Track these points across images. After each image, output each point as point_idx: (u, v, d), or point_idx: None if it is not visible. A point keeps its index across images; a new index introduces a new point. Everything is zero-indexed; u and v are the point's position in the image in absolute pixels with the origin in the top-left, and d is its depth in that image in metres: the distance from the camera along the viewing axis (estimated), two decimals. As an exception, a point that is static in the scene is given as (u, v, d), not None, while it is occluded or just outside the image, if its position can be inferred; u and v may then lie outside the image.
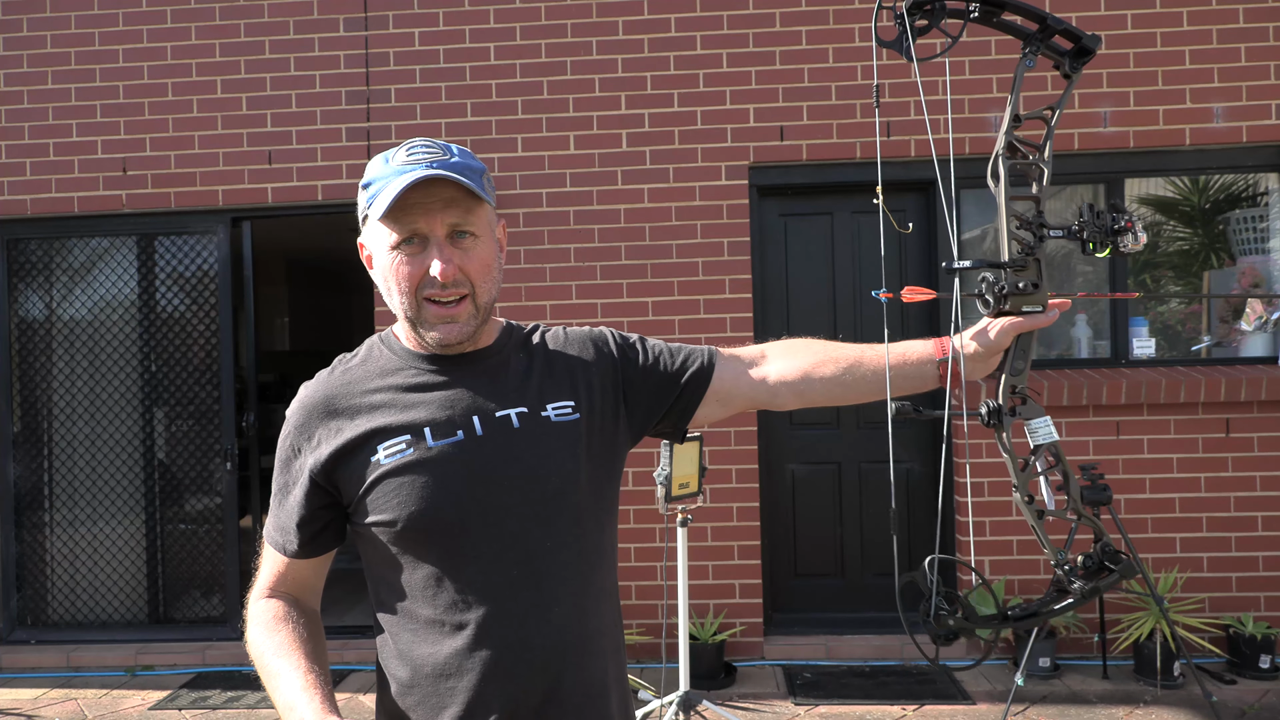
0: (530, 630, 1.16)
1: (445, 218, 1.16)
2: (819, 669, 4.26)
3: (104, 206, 4.67)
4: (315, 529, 1.23)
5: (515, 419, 1.21)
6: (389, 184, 1.14)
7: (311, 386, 1.26)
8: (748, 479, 4.42)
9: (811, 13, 4.44)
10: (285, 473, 1.24)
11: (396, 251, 1.17)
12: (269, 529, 1.27)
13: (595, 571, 1.23)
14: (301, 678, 1.12)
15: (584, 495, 1.22)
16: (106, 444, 4.80)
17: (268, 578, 1.27)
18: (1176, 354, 4.57)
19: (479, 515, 1.16)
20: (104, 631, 4.76)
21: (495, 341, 1.29)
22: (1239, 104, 4.32)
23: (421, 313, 1.19)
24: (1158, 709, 3.69)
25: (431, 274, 1.16)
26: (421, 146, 1.18)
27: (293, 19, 4.60)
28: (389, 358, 1.27)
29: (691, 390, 1.34)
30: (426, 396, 1.21)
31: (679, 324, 4.43)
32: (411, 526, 1.15)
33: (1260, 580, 4.23)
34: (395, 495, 1.15)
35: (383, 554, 1.19)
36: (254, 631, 1.23)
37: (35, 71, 4.69)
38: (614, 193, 4.48)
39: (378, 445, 1.17)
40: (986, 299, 1.22)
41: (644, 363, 1.34)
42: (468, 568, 1.16)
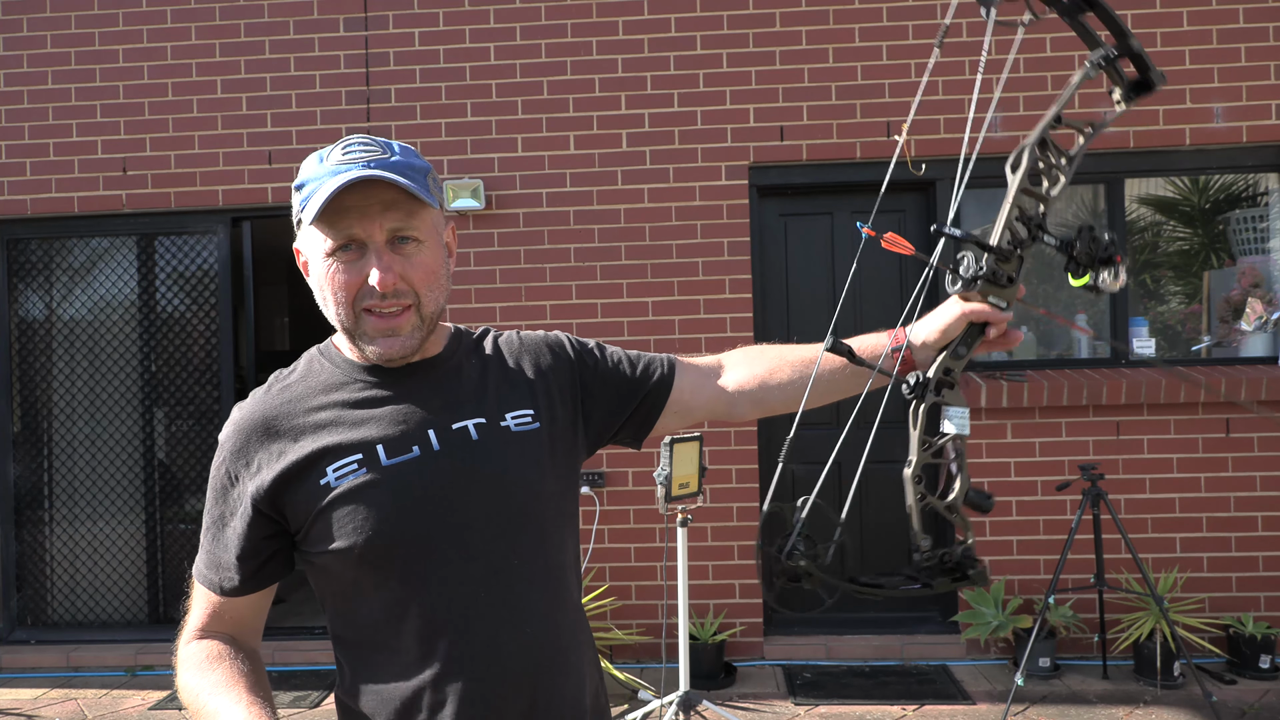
0: (503, 652, 1.10)
1: (385, 222, 1.07)
2: (819, 669, 4.26)
3: (104, 206, 4.67)
4: (258, 562, 1.13)
5: (473, 430, 1.14)
6: (322, 185, 1.05)
7: (247, 407, 1.16)
8: (748, 479, 4.42)
9: (811, 13, 4.44)
10: (221, 503, 1.14)
11: (332, 259, 1.08)
12: (200, 567, 1.16)
13: (563, 585, 1.18)
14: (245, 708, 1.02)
15: (548, 507, 1.17)
16: (106, 444, 4.80)
17: (200, 619, 1.16)
18: (1177, 354, 4.57)
19: (442, 535, 1.09)
20: (104, 631, 4.76)
21: (444, 349, 1.22)
22: (1239, 104, 4.32)
23: (360, 324, 1.10)
24: (1158, 709, 3.69)
25: (370, 283, 1.07)
26: (359, 144, 1.09)
27: (293, 19, 4.60)
28: (331, 371, 1.18)
29: (652, 400, 1.29)
30: (376, 412, 1.13)
31: (679, 324, 4.44)
32: (370, 552, 1.07)
33: (1260, 580, 4.23)
34: (350, 520, 1.07)
35: (339, 583, 1.11)
36: (185, 675, 1.10)
37: (35, 71, 4.69)
38: (614, 193, 4.48)
39: (326, 467, 1.09)
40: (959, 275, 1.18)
41: (603, 370, 1.29)
42: (433, 592, 1.08)
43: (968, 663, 4.25)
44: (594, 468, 4.43)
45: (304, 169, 1.11)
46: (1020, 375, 4.28)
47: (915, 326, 1.24)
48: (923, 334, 1.23)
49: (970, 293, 1.18)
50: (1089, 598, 4.15)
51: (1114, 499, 4.16)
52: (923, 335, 1.22)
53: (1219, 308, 4.57)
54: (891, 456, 5.18)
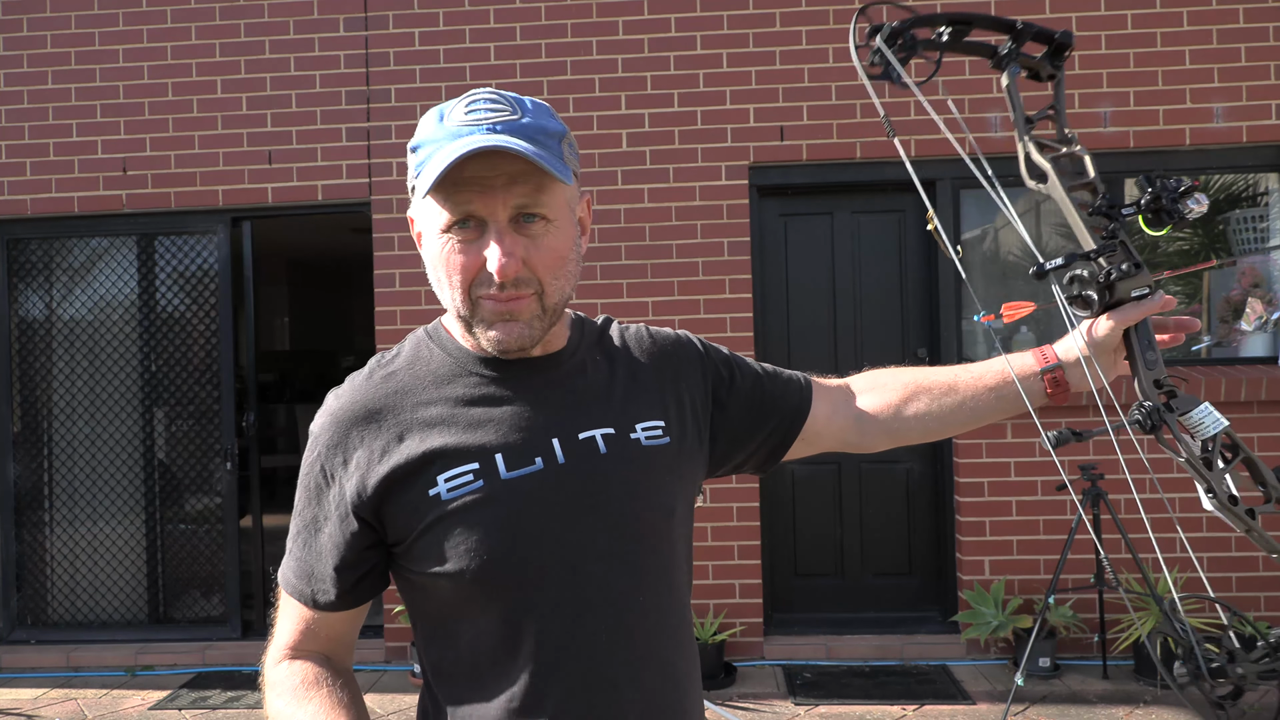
0: (621, 698, 0.97)
1: (509, 198, 0.92)
2: (819, 669, 4.26)
3: (104, 206, 4.67)
4: (357, 575, 0.99)
5: (601, 442, 0.99)
6: (440, 150, 0.90)
7: (345, 395, 1.01)
8: (748, 479, 4.42)
9: (811, 13, 4.44)
10: (314, 505, 1.00)
11: (448, 235, 0.94)
12: (288, 576, 1.03)
13: (684, 623, 1.05)
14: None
15: (676, 535, 1.04)
16: (106, 444, 4.80)
17: (290, 635, 1.03)
18: (1177, 354, 4.57)
19: (564, 563, 0.96)
20: (104, 631, 4.76)
21: (569, 342, 1.07)
22: (1239, 104, 4.31)
23: (476, 309, 0.95)
24: (1158, 709, 3.69)
25: (488, 269, 0.92)
26: (485, 101, 0.94)
27: (293, 19, 4.60)
28: (442, 360, 1.02)
29: (787, 425, 1.14)
30: (495, 413, 0.98)
31: (678, 324, 4.43)
32: (484, 578, 0.94)
33: (1260, 580, 4.23)
34: (463, 539, 0.93)
35: (441, 607, 0.99)
36: (278, 701, 0.99)
37: (35, 71, 4.69)
38: (614, 193, 4.48)
39: (437, 475, 0.95)
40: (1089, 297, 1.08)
41: (737, 383, 1.13)
42: (550, 626, 0.95)
43: (968, 663, 4.25)
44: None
45: (421, 128, 0.96)
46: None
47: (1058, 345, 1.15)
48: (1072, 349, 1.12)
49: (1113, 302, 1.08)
50: (1089, 598, 4.15)
51: (1114, 499, 4.16)
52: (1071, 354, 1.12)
53: (1219, 308, 4.57)
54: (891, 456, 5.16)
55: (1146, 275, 1.07)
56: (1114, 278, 1.06)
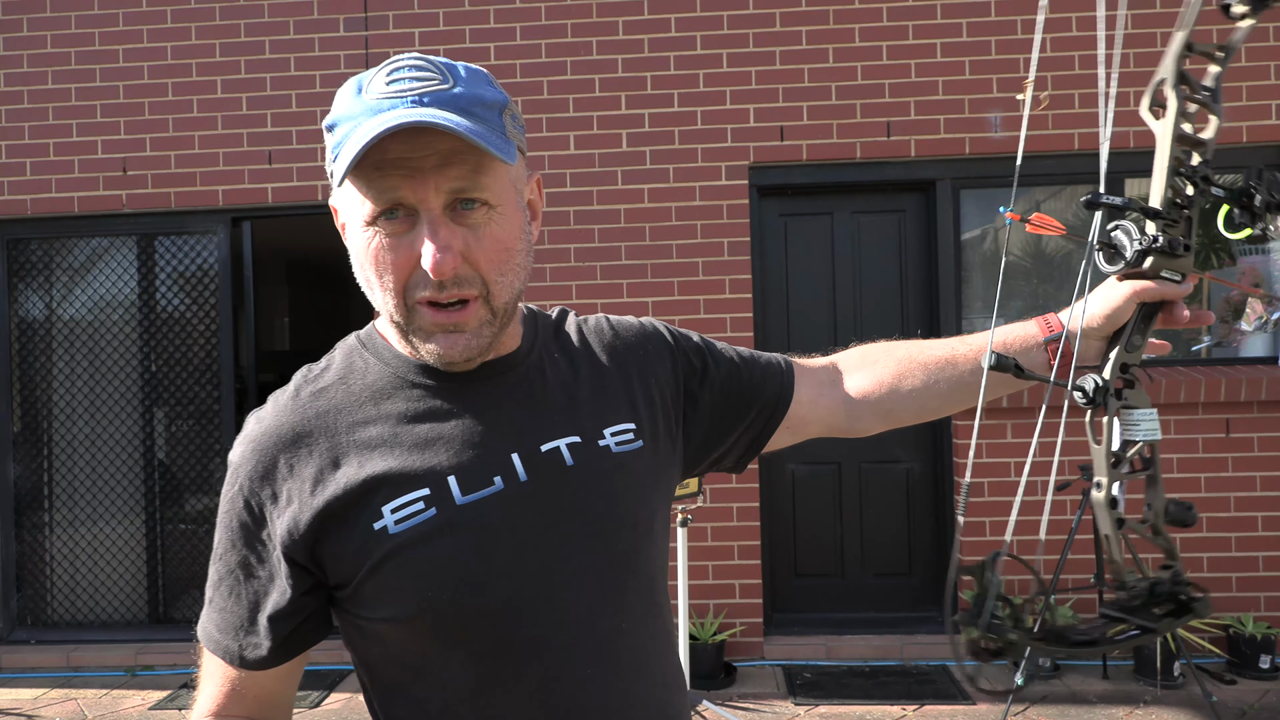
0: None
1: (441, 181, 0.77)
2: (819, 669, 4.26)
3: (104, 206, 4.67)
4: (292, 625, 0.86)
5: (567, 453, 0.87)
6: (358, 128, 0.77)
7: (269, 418, 0.87)
8: (748, 479, 4.42)
9: (811, 13, 4.44)
10: (239, 547, 0.86)
11: (373, 228, 0.79)
12: (209, 630, 0.89)
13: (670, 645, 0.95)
14: None
15: (655, 549, 0.93)
16: (106, 444, 4.80)
17: (213, 701, 0.88)
18: (1176, 354, 4.57)
19: (538, 594, 0.83)
20: (104, 631, 4.76)
21: (522, 342, 0.94)
22: (1239, 104, 4.31)
23: (414, 318, 0.82)
24: (1158, 709, 3.69)
25: (422, 266, 0.78)
26: (410, 69, 0.79)
27: (293, 19, 4.60)
28: (379, 371, 0.89)
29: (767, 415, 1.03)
30: (443, 428, 0.85)
31: (678, 324, 4.42)
32: (447, 620, 0.81)
33: (1260, 580, 4.23)
34: (414, 578, 0.81)
35: (401, 657, 0.85)
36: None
37: (35, 71, 4.69)
38: (614, 193, 4.48)
39: (382, 506, 0.82)
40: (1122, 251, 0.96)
41: (710, 374, 1.02)
42: (529, 667, 0.83)
43: (968, 663, 4.25)
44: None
45: (337, 102, 0.82)
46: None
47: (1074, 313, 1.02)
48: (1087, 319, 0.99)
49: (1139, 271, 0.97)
50: (1089, 598, 4.15)
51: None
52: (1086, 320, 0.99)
53: (1219, 308, 4.57)
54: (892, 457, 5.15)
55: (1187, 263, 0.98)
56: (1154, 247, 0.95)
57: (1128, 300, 0.96)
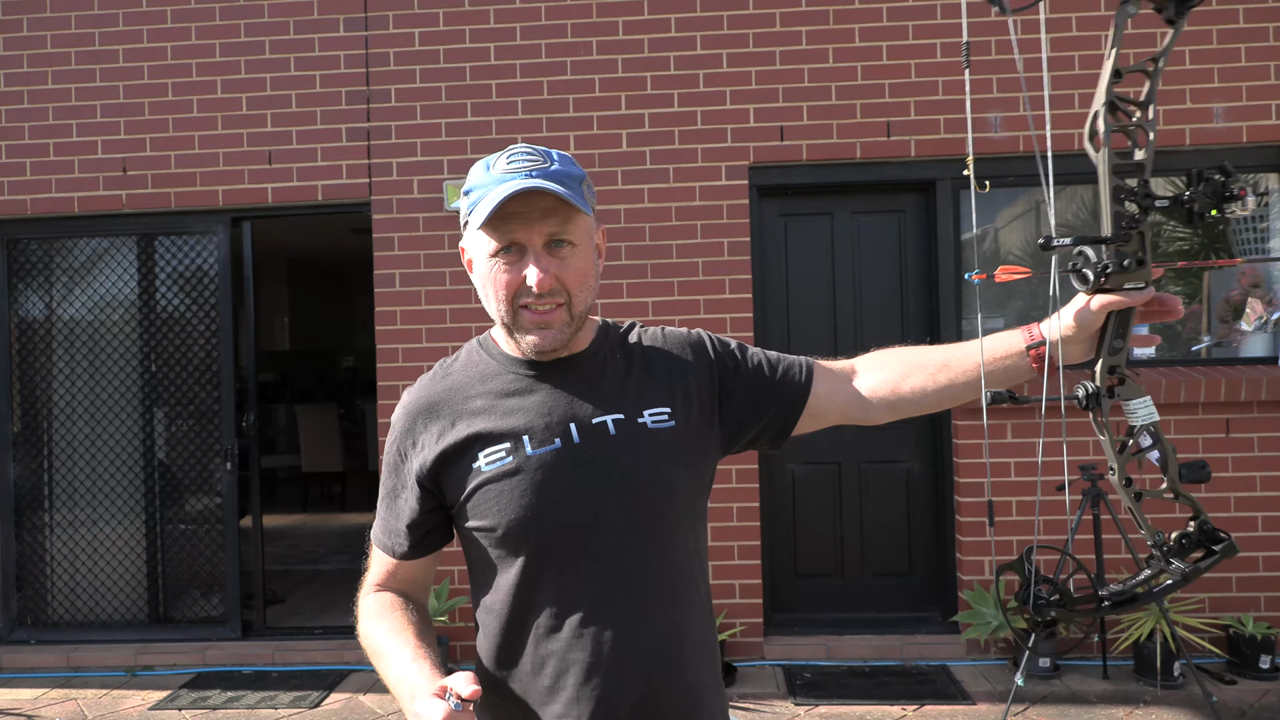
0: (624, 640, 1.16)
1: (543, 227, 1.15)
2: (819, 669, 4.26)
3: (104, 206, 4.67)
4: (424, 531, 1.26)
5: (612, 426, 1.21)
6: (489, 193, 1.14)
7: (414, 391, 1.29)
8: (748, 479, 4.42)
9: (811, 13, 4.44)
10: (393, 476, 1.27)
11: (495, 259, 1.18)
12: (377, 532, 1.30)
13: (689, 581, 1.24)
14: (411, 652, 1.14)
15: (680, 505, 1.23)
16: (106, 444, 4.80)
17: (377, 576, 1.30)
18: (1176, 354, 4.57)
19: (576, 525, 1.17)
20: (104, 631, 4.76)
21: (591, 344, 1.28)
22: (1239, 104, 4.32)
23: (518, 319, 1.19)
24: (1158, 709, 3.69)
25: (528, 283, 1.16)
26: (523, 154, 1.17)
27: (293, 19, 4.60)
28: (488, 363, 1.28)
29: (789, 406, 1.32)
30: (525, 402, 1.22)
31: (679, 324, 4.43)
32: (510, 534, 1.17)
33: (1260, 580, 4.23)
34: (495, 502, 1.17)
35: (483, 556, 1.22)
36: (364, 623, 1.26)
37: (35, 71, 4.69)
38: (614, 193, 4.48)
39: (479, 452, 1.19)
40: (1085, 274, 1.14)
41: (742, 373, 1.31)
42: (564, 576, 1.18)
43: (968, 663, 4.26)
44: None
45: (471, 176, 1.20)
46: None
47: (1049, 323, 1.22)
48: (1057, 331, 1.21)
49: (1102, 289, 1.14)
50: (1089, 598, 4.14)
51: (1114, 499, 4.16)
52: (1057, 333, 1.21)
53: (1219, 308, 4.57)
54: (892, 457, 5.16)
55: (1146, 272, 1.12)
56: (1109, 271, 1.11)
57: (1096, 312, 1.18)
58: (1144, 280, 1.13)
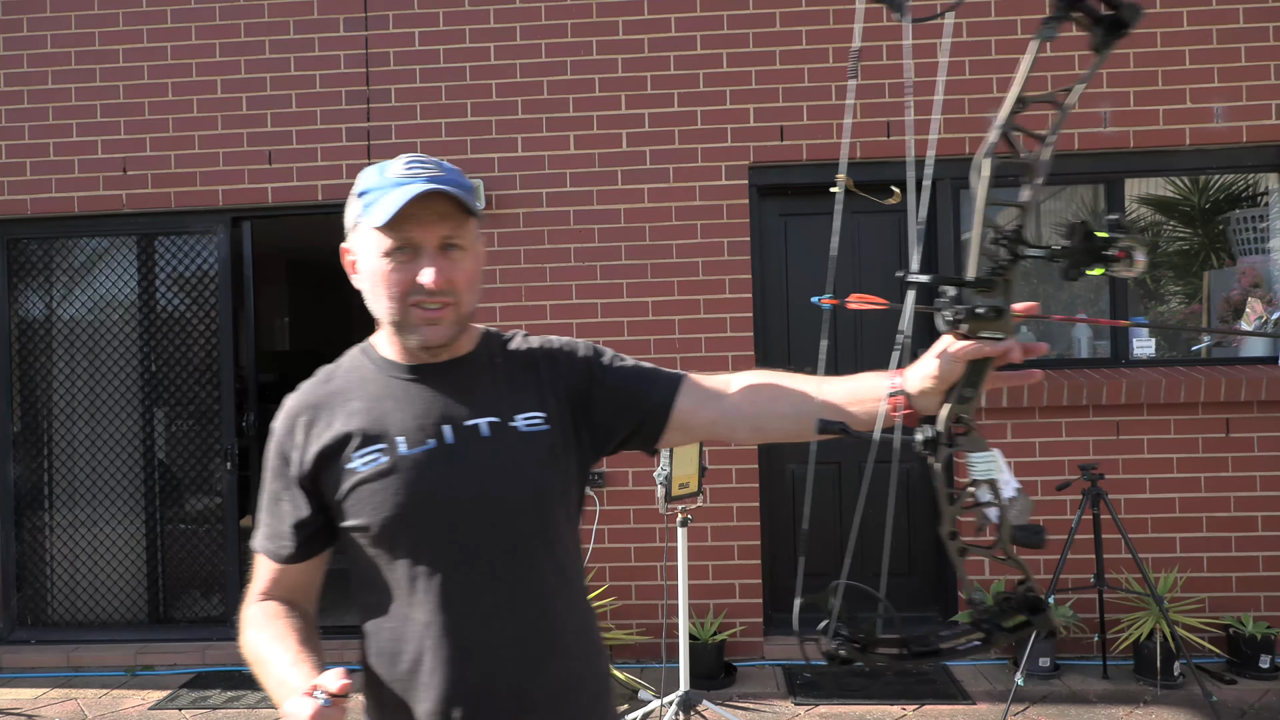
0: (495, 633, 1.20)
1: (439, 230, 1.20)
2: (819, 669, 4.25)
3: (104, 206, 4.67)
4: (308, 533, 1.27)
5: (485, 428, 1.25)
6: (388, 195, 1.18)
7: (296, 396, 1.32)
8: (748, 479, 4.42)
9: (811, 13, 4.44)
10: (276, 480, 1.28)
11: (388, 259, 1.20)
12: (260, 539, 1.30)
13: (560, 576, 1.27)
14: (292, 656, 1.15)
15: (549, 504, 1.26)
16: (106, 444, 4.80)
17: (261, 585, 1.30)
18: (1176, 354, 4.57)
19: (447, 523, 1.21)
20: (104, 631, 4.76)
21: (473, 350, 1.33)
22: (1239, 104, 4.32)
23: (407, 316, 1.22)
24: (1158, 709, 3.69)
25: (422, 282, 1.19)
26: (418, 162, 1.22)
27: (293, 19, 4.60)
28: (368, 367, 1.32)
29: (654, 417, 1.34)
30: (401, 404, 1.25)
31: (679, 324, 4.43)
32: (383, 532, 1.20)
33: (1260, 580, 4.23)
34: (369, 501, 1.20)
35: (361, 554, 1.25)
36: (246, 633, 1.25)
37: (35, 71, 4.69)
38: (614, 193, 4.48)
39: (353, 452, 1.22)
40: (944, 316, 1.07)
41: (610, 382, 1.34)
42: (436, 571, 1.20)
43: (968, 663, 4.26)
44: (594, 468, 4.43)
45: (364, 179, 1.24)
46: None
47: (910, 371, 1.17)
48: (917, 381, 1.15)
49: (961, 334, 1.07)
50: (1089, 598, 4.15)
51: (1114, 499, 4.16)
52: (917, 384, 1.15)
53: (1219, 308, 4.57)
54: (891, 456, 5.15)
55: (1006, 322, 1.05)
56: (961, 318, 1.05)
57: (953, 362, 1.10)
58: (1003, 331, 1.05)
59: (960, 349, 1.09)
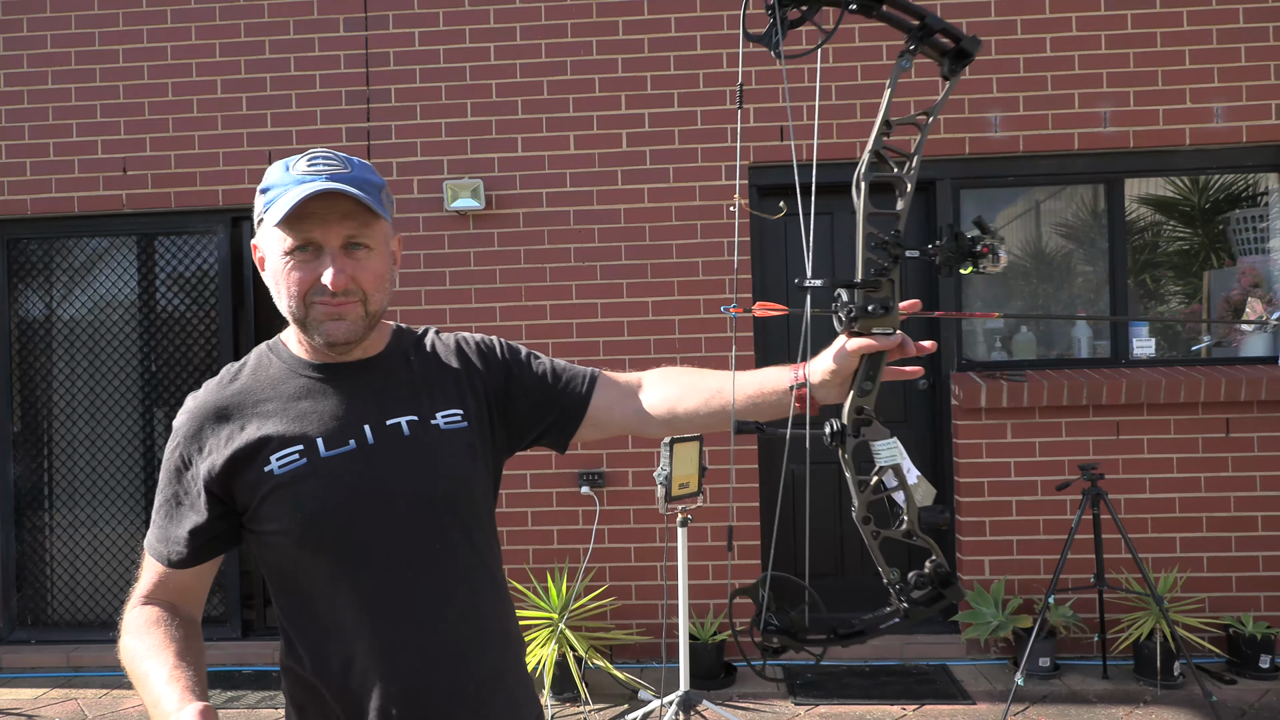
0: (426, 630, 1.21)
1: (341, 229, 1.18)
2: (819, 669, 4.26)
3: (104, 206, 4.67)
4: (205, 538, 1.23)
5: (405, 427, 1.24)
6: (287, 192, 1.16)
7: (200, 396, 1.27)
8: (748, 479, 4.42)
9: (811, 13, 4.43)
10: (174, 483, 1.24)
11: (289, 257, 1.19)
12: (151, 540, 1.27)
13: (485, 573, 1.29)
14: (168, 673, 1.11)
15: (473, 500, 1.28)
16: (106, 444, 4.80)
17: (147, 587, 1.26)
18: (1176, 354, 4.57)
19: (372, 523, 1.19)
20: (104, 631, 4.76)
21: (385, 348, 1.32)
22: (1239, 104, 4.32)
23: (310, 312, 1.21)
24: (1158, 709, 3.69)
25: (323, 282, 1.18)
26: (322, 158, 1.21)
27: (293, 19, 4.60)
28: (278, 366, 1.29)
29: (568, 413, 1.38)
30: (318, 405, 1.24)
31: (679, 324, 4.43)
32: (307, 535, 1.18)
33: (1260, 580, 4.23)
34: (290, 504, 1.18)
35: (282, 559, 1.22)
36: (126, 639, 1.21)
37: (35, 71, 4.69)
38: (614, 193, 4.48)
39: (270, 455, 1.19)
40: (839, 317, 1.23)
41: (526, 379, 1.38)
42: (363, 572, 1.19)
43: (968, 662, 4.26)
44: (594, 468, 4.43)
45: (269, 175, 1.22)
46: (1020, 375, 4.28)
47: (811, 364, 1.27)
48: (817, 374, 1.25)
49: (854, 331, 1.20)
50: (1089, 598, 4.15)
51: (1114, 499, 4.16)
52: (818, 375, 1.25)
53: (1219, 308, 4.57)
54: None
55: (894, 318, 1.19)
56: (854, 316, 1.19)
57: (848, 356, 1.22)
58: (891, 326, 1.19)
59: (857, 344, 1.21)
